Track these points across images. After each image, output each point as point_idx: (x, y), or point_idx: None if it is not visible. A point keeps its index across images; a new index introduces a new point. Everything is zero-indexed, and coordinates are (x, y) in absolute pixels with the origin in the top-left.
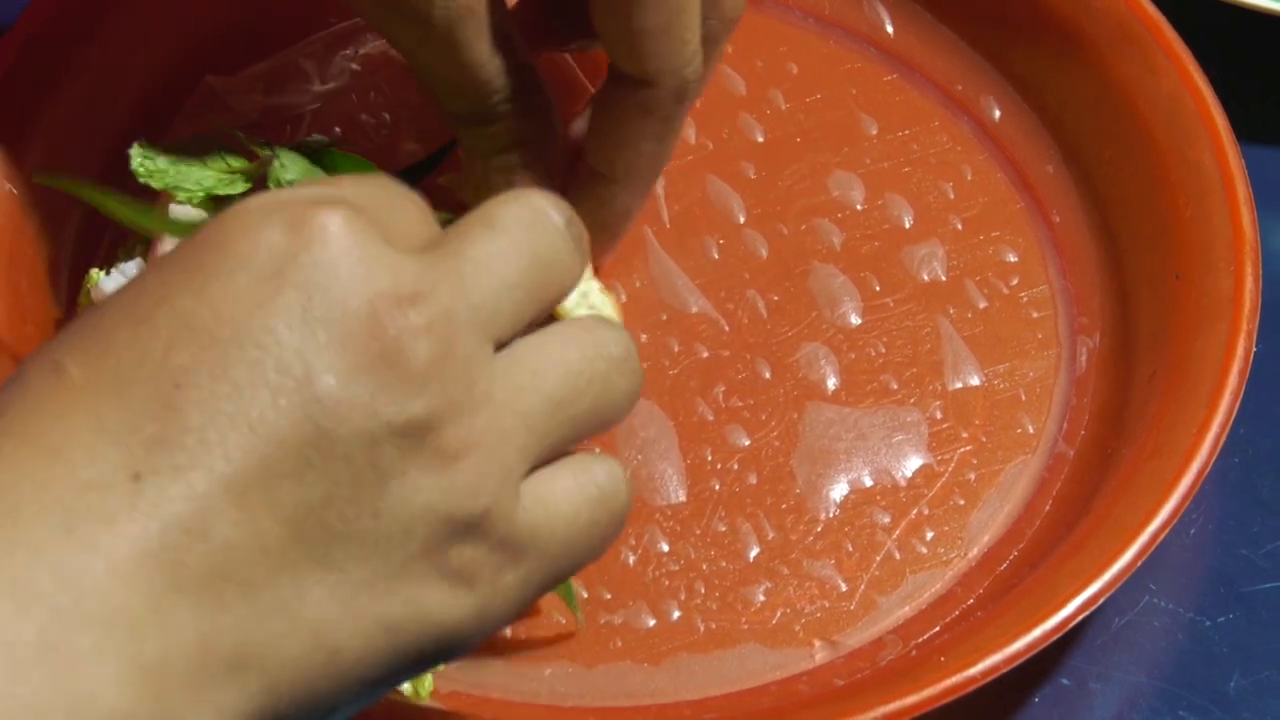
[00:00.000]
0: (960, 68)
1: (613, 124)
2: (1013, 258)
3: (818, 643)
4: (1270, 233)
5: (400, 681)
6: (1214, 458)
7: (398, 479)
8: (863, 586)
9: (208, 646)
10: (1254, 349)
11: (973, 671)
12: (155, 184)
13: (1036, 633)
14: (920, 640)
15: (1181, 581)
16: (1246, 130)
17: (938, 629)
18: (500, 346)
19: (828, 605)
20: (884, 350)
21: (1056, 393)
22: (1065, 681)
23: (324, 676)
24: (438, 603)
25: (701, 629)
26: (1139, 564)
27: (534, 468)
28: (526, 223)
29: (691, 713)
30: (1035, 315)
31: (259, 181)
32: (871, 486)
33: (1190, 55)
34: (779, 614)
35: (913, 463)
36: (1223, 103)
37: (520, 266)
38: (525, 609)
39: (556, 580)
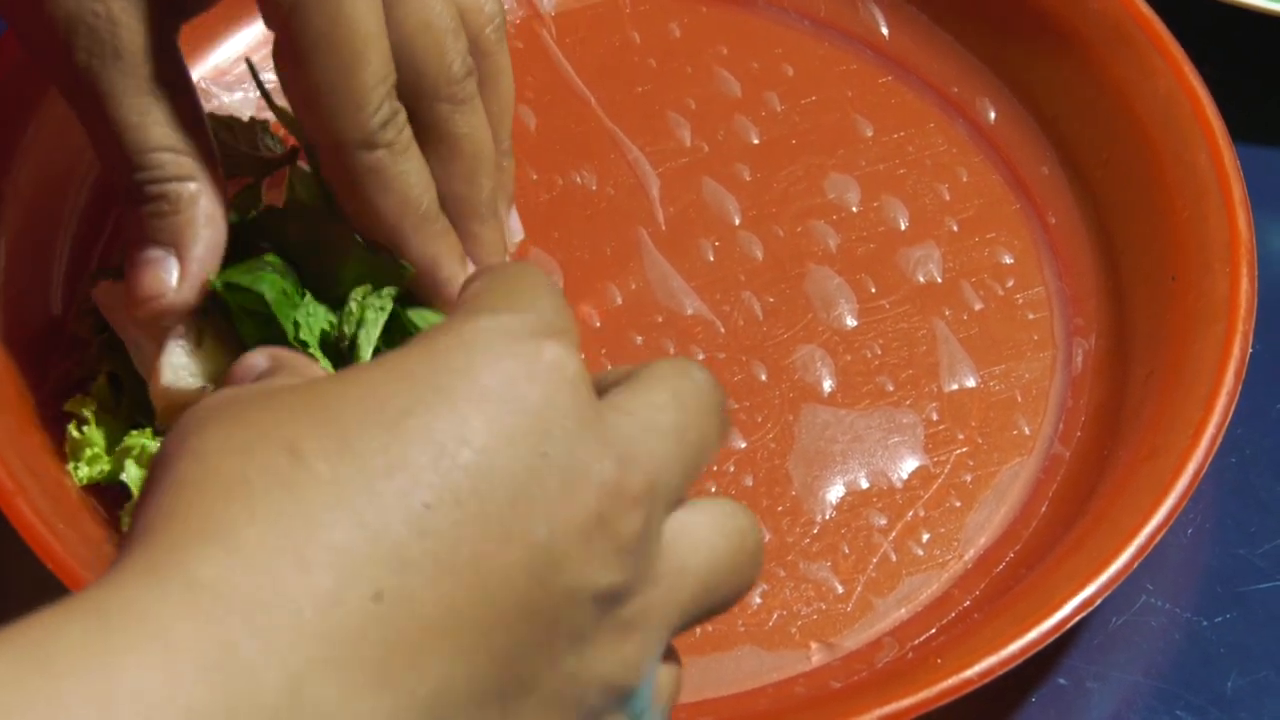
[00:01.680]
0: (956, 69)
1: (336, 188)
2: (1008, 259)
3: (814, 645)
4: (1268, 233)
5: None
6: (1210, 459)
7: (586, 643)
8: (859, 589)
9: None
10: (1250, 349)
11: (969, 674)
12: None
13: (1033, 634)
14: (916, 642)
15: (1179, 581)
16: (1245, 130)
17: (934, 631)
18: None
19: (824, 607)
20: (880, 352)
21: (1052, 394)
22: (1062, 681)
23: None
24: None
25: (698, 631)
26: (1135, 565)
27: None
28: (699, 404)
29: (688, 715)
30: (1031, 317)
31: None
32: (868, 488)
33: (1186, 56)
34: (775, 616)
35: (909, 465)
36: (1220, 103)
37: (694, 444)
38: None
39: None
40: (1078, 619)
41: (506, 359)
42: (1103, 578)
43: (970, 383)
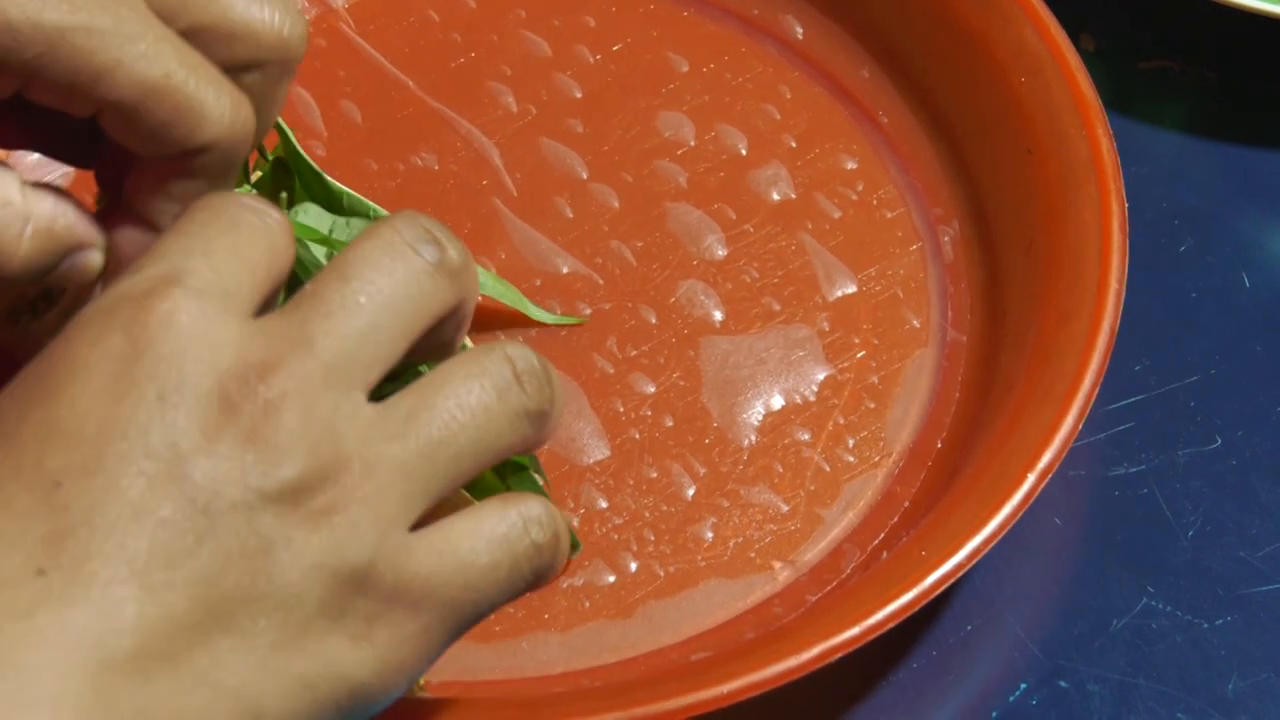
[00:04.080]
0: None
1: None
2: (852, 165)
3: (777, 564)
4: (1270, 236)
5: None
6: (1120, 314)
7: (282, 543)
8: (803, 504)
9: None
10: (1127, 222)
11: (959, 557)
12: None
13: (1006, 509)
14: (876, 543)
15: (1180, 584)
16: (1247, 132)
17: (887, 531)
18: (376, 392)
19: (775, 528)
20: (757, 275)
21: (931, 284)
22: (1063, 684)
23: None
24: (344, 658)
25: (662, 574)
26: (1080, 428)
27: (429, 514)
28: (376, 262)
29: (678, 655)
30: (889, 215)
31: None
32: (784, 406)
33: None
34: (731, 545)
35: (816, 376)
36: (1222, 103)
37: (375, 309)
38: (437, 654)
39: (467, 623)
40: (1043, 485)
41: (104, 333)
42: (1054, 444)
43: (851, 288)
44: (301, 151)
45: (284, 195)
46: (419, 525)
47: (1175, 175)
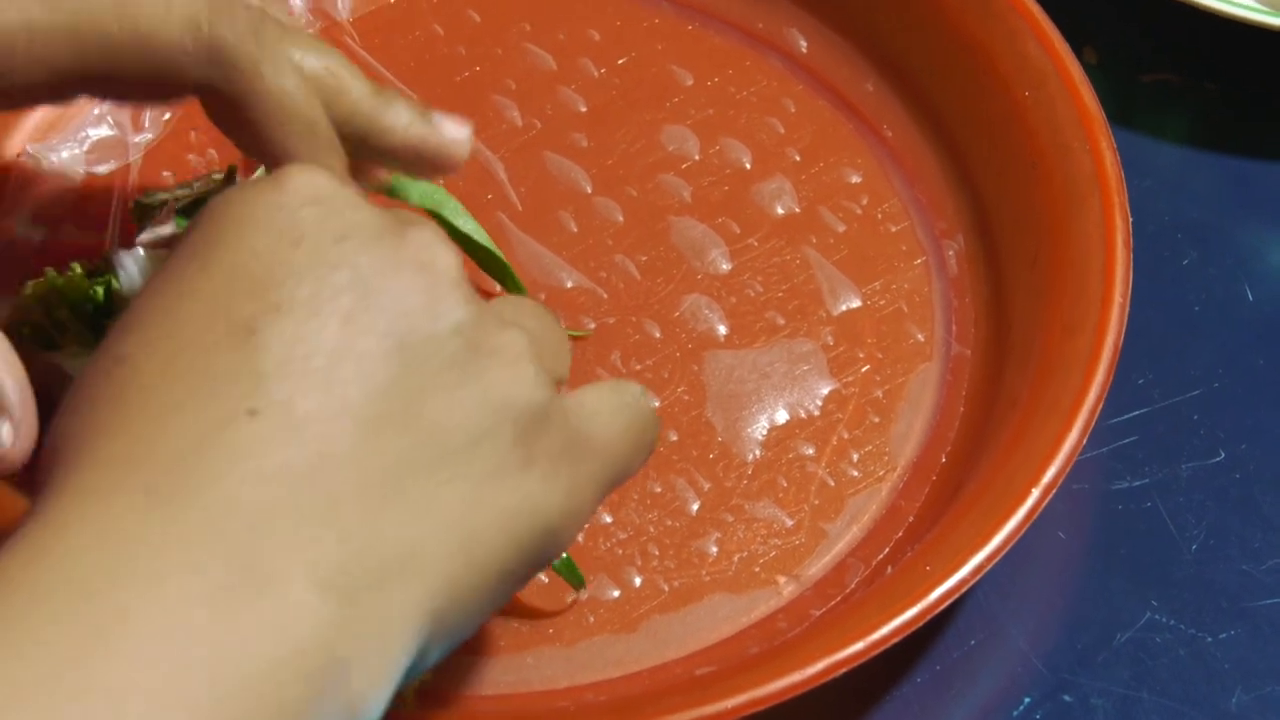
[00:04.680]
0: (757, 5)
1: None
2: (856, 178)
3: (782, 579)
4: (1273, 248)
5: (523, 580)
6: (1124, 328)
7: (475, 374)
8: (807, 518)
9: (376, 551)
10: (1131, 225)
11: (964, 572)
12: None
13: (1011, 524)
14: (880, 558)
15: (1183, 597)
16: (1249, 144)
17: (891, 545)
18: None
19: (779, 543)
20: (761, 289)
21: (935, 298)
22: (1067, 698)
23: (467, 569)
24: (538, 492)
25: (666, 589)
26: (1084, 442)
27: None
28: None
29: (683, 669)
30: (894, 229)
31: None
32: (788, 421)
33: None
34: (736, 559)
35: (820, 391)
36: (1224, 115)
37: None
38: (599, 502)
39: (615, 480)
40: (1047, 500)
41: (252, 190)
42: (1059, 459)
43: (855, 303)
44: None
45: None
46: None
47: (1178, 188)
